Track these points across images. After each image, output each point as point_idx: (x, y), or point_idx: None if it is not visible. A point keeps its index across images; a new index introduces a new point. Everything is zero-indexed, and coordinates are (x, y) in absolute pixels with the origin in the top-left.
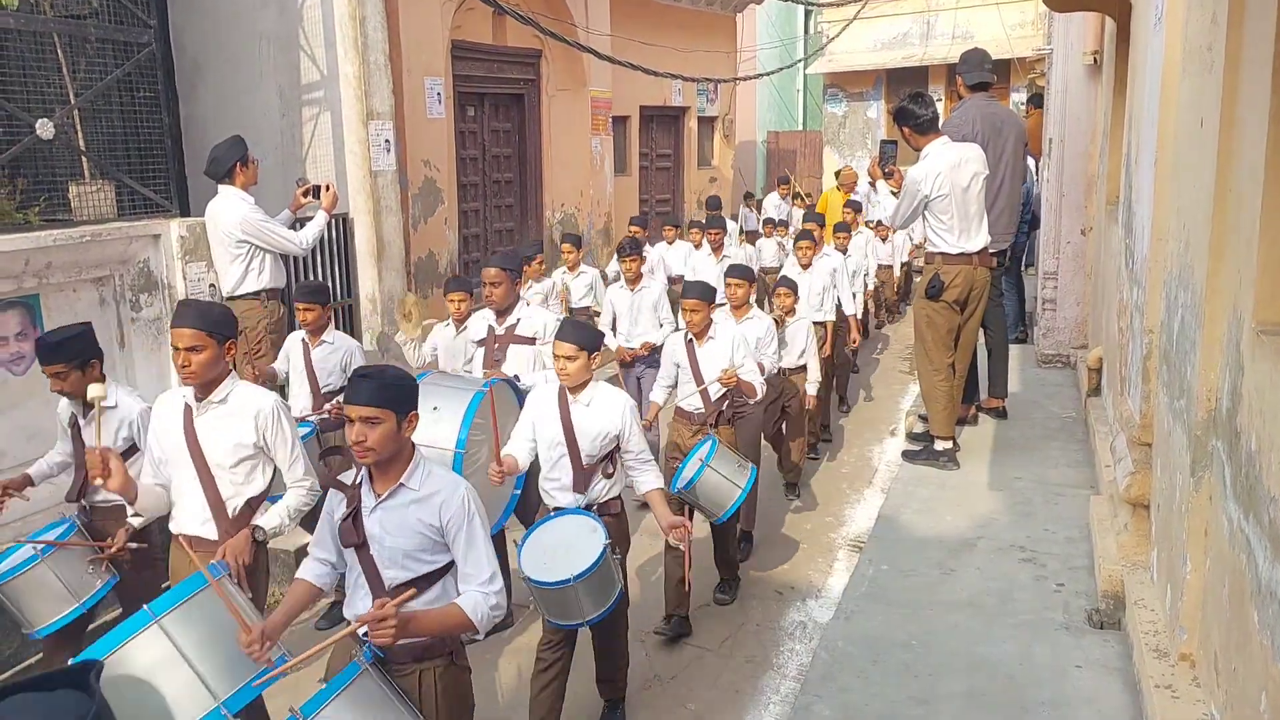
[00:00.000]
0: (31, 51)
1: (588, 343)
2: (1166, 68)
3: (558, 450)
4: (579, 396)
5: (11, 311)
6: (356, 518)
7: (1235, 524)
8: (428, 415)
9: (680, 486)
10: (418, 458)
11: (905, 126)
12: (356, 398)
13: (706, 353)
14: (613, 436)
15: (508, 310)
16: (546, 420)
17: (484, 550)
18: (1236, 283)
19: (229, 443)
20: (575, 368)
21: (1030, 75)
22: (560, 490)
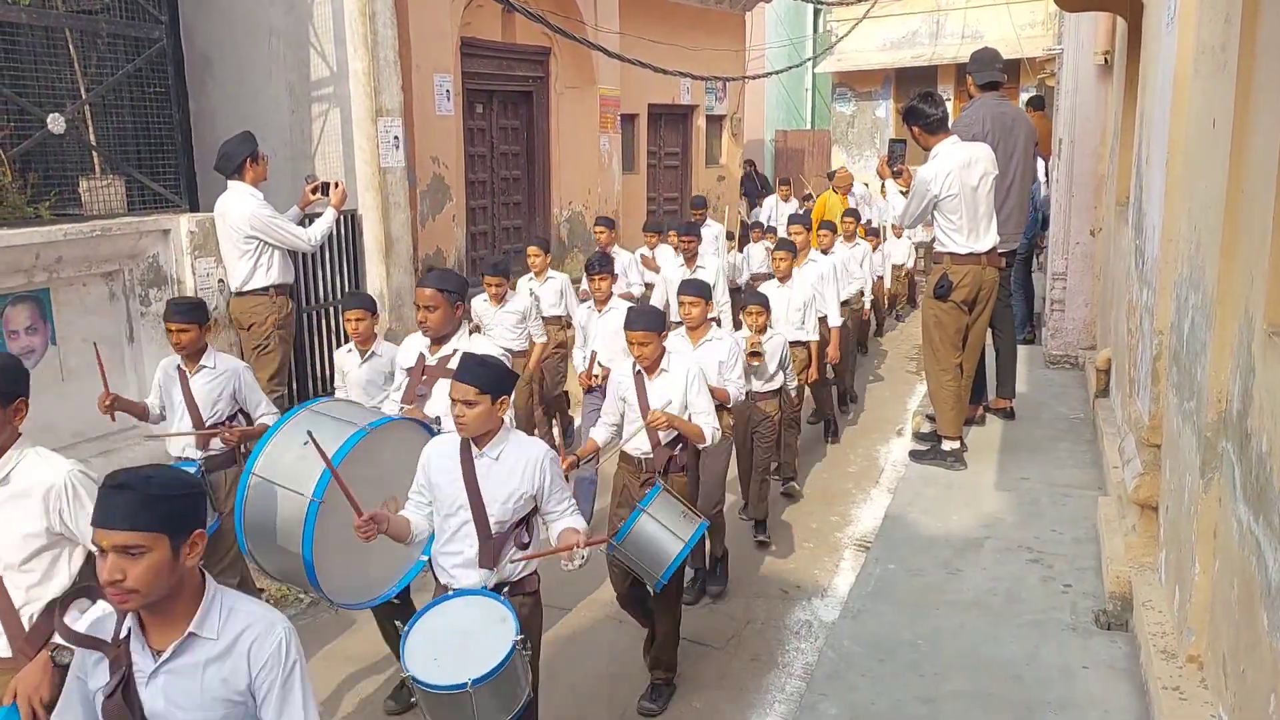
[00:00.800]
0: (43, 46)
1: (492, 384)
2: (1179, 68)
3: (459, 517)
4: (485, 449)
5: (22, 305)
6: (128, 689)
7: (1245, 526)
8: (295, 450)
9: (613, 541)
10: (213, 590)
11: (915, 126)
12: (108, 519)
13: (659, 387)
14: (528, 498)
15: (444, 338)
16: (444, 479)
17: (303, 714)
18: (1248, 284)
19: (16, 534)
20: (475, 416)
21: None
22: (462, 567)
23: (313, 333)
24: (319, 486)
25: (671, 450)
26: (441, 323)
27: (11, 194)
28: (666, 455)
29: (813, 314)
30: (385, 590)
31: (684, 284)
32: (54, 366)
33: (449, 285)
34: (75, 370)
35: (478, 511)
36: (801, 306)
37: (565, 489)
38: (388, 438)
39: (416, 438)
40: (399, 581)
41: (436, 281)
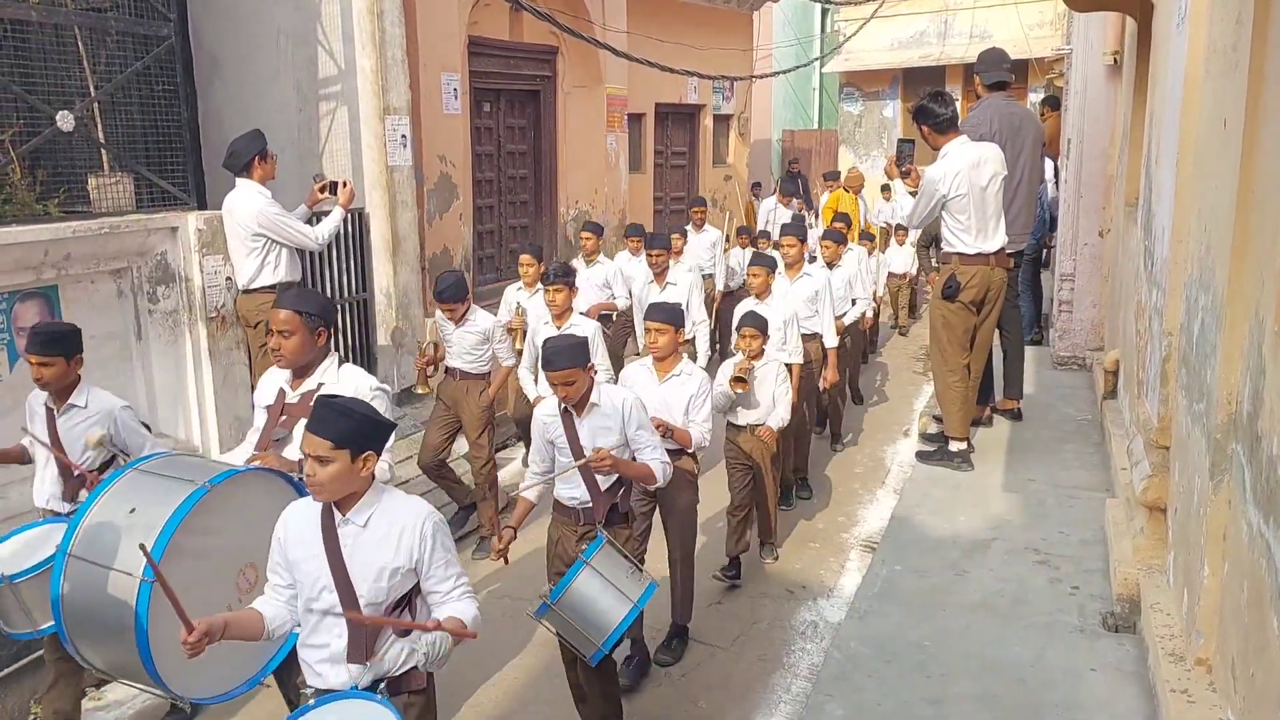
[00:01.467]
0: (53, 44)
1: (352, 436)
2: (1189, 68)
3: (323, 601)
4: (350, 514)
5: (30, 302)
6: None
7: (1255, 528)
8: (122, 518)
9: (545, 603)
10: None
11: (924, 125)
12: None
13: (592, 426)
14: (405, 572)
15: (306, 369)
16: (303, 553)
17: None
18: (1259, 285)
19: None
20: (329, 476)
21: (1049, 75)
22: (328, 663)
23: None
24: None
25: (614, 496)
26: (298, 351)
27: (20, 191)
28: (608, 502)
29: (796, 333)
30: (250, 676)
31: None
32: None
33: (308, 306)
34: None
35: (344, 592)
36: (782, 325)
37: (454, 564)
38: (238, 494)
39: (278, 491)
40: (266, 664)
41: (293, 302)
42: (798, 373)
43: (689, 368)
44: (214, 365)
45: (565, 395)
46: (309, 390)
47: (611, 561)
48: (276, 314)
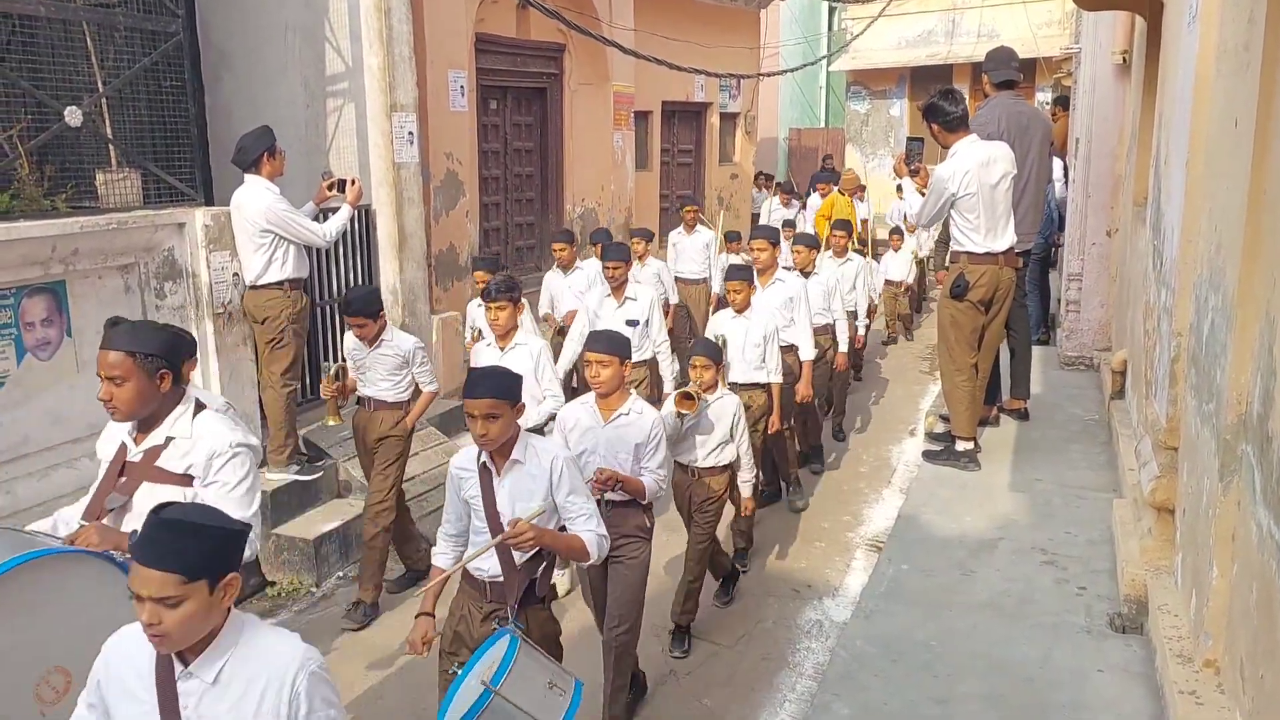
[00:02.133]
0: (61, 39)
1: (207, 563)
2: (1200, 67)
3: None
4: (195, 665)
5: (38, 297)
6: None
7: (1265, 530)
8: None
9: None
10: None
11: (934, 123)
12: None
13: (513, 485)
14: None
15: (151, 422)
16: (130, 711)
17: None
18: (1270, 286)
19: None
20: (180, 620)
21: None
22: None
23: (326, 327)
24: None
25: (532, 572)
26: (133, 402)
27: (29, 186)
28: (524, 580)
29: (775, 349)
30: None
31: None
32: (69, 358)
33: (144, 345)
34: (90, 362)
35: None
36: (761, 341)
37: None
38: (44, 581)
39: (97, 577)
40: None
41: (124, 341)
42: (778, 392)
43: (639, 405)
44: (221, 361)
45: (484, 435)
46: (155, 446)
47: (526, 678)
48: (104, 357)
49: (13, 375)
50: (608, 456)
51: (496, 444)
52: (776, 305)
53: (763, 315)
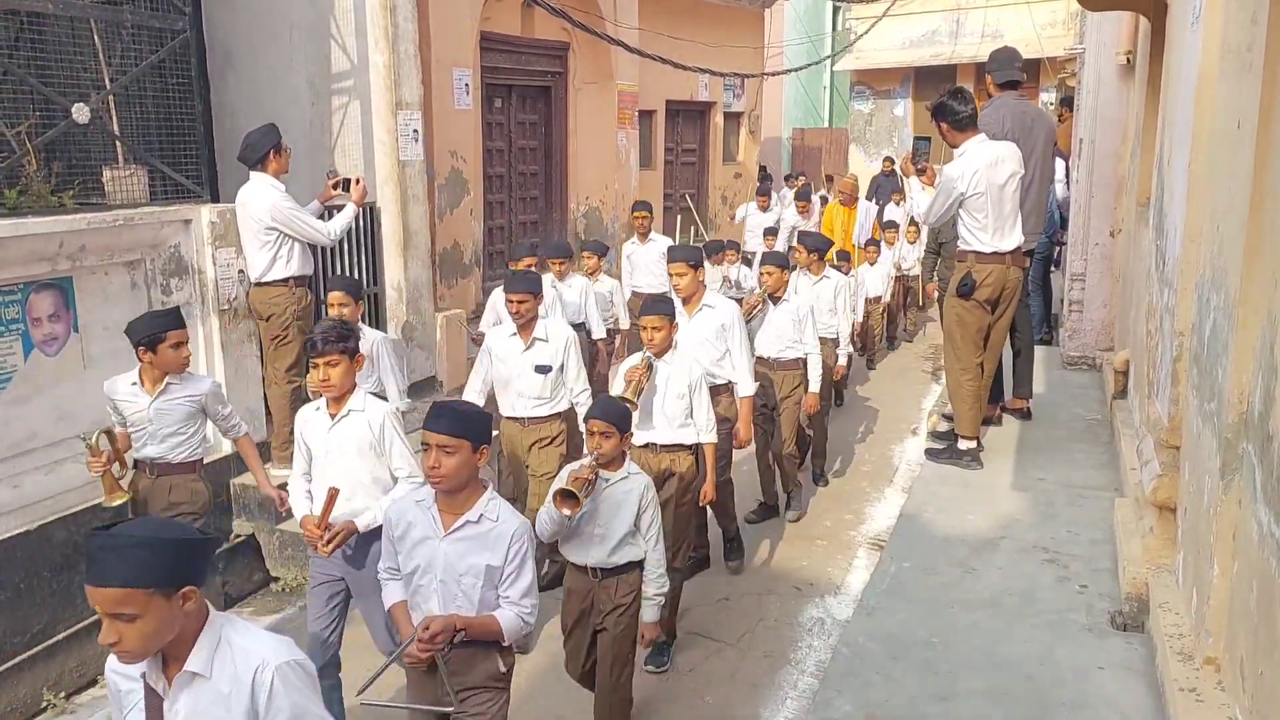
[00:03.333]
0: (68, 37)
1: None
2: (1203, 68)
3: None
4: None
5: (45, 293)
6: None
7: (1265, 528)
8: None
9: None
10: None
11: (943, 122)
12: None
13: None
14: None
15: None
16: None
17: None
18: (1272, 285)
19: None
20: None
21: (1061, 75)
22: None
23: None
24: None
25: None
26: None
27: (36, 183)
28: None
29: (704, 399)
30: None
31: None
32: (76, 354)
33: None
34: (97, 358)
35: None
36: (686, 391)
37: None
38: None
39: None
40: None
41: None
42: (711, 455)
43: (496, 508)
44: (226, 357)
45: (438, 474)
46: None
47: None
48: None
49: (20, 371)
50: (447, 580)
51: (448, 484)
52: (706, 337)
53: (684, 361)
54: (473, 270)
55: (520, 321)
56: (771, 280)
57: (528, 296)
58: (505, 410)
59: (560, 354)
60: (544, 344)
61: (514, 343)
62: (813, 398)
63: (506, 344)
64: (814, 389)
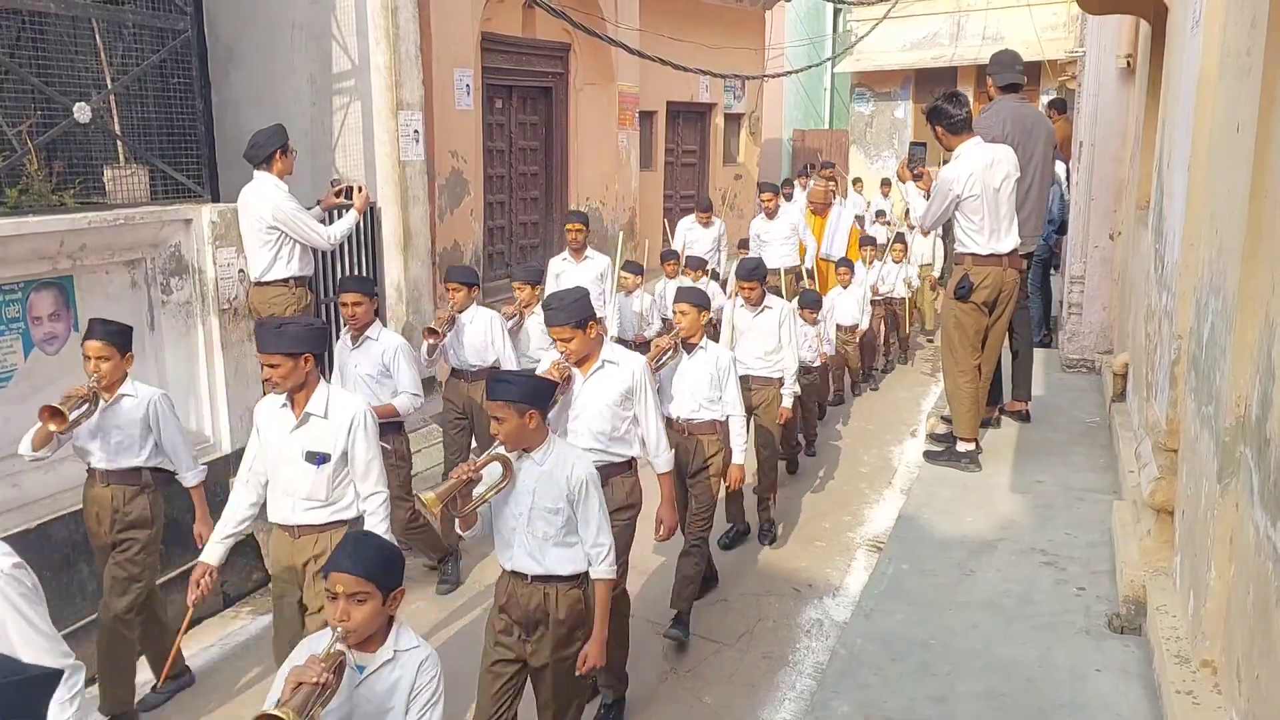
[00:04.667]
0: (70, 36)
1: None
2: (1203, 71)
3: None
4: None
5: (46, 292)
6: None
7: (1262, 531)
8: None
9: None
10: None
11: (938, 126)
12: None
13: None
14: None
15: None
16: None
17: None
18: (1270, 289)
19: None
20: None
21: (1061, 78)
22: None
23: (331, 325)
24: None
25: None
26: None
27: (37, 182)
28: None
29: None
30: None
31: None
32: (75, 353)
33: None
34: None
35: None
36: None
37: None
38: None
39: None
40: None
41: None
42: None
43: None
44: (226, 357)
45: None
46: None
47: None
48: None
49: (20, 369)
50: None
51: None
52: (607, 403)
53: (566, 458)
54: None
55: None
56: (686, 322)
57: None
58: (271, 512)
59: (342, 438)
60: (321, 421)
61: (283, 418)
62: (737, 469)
63: (274, 418)
64: (737, 459)
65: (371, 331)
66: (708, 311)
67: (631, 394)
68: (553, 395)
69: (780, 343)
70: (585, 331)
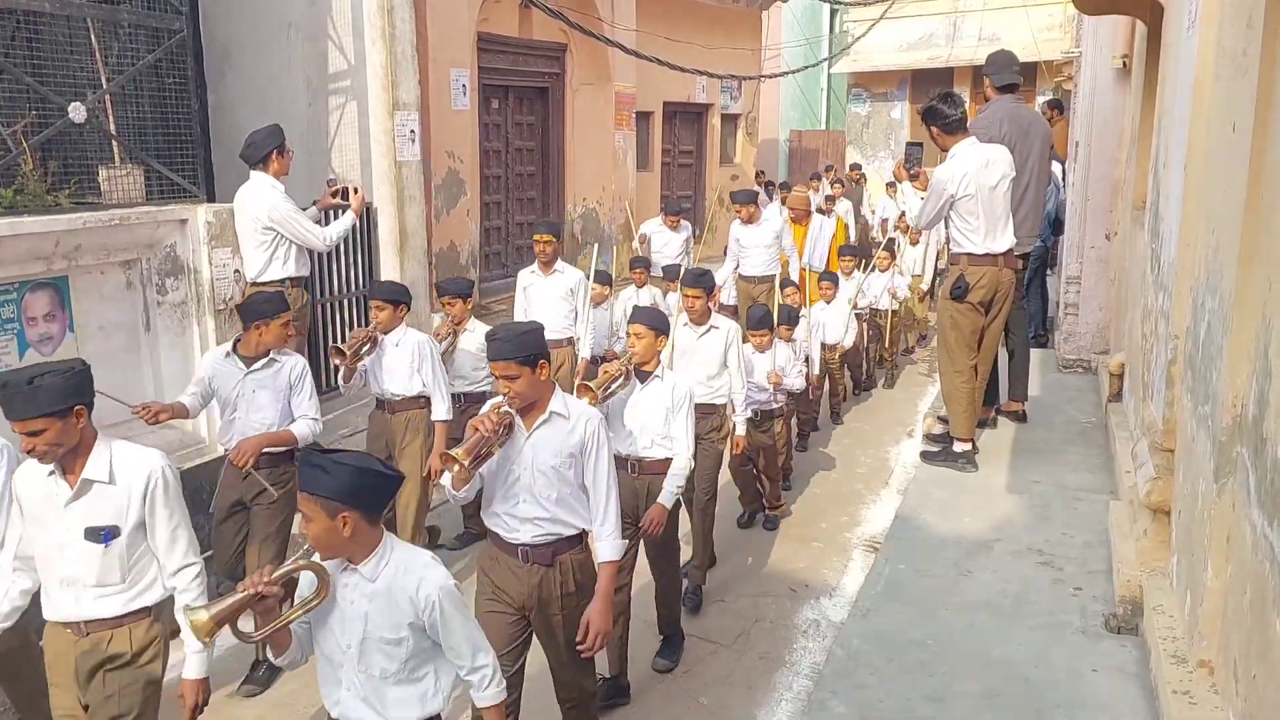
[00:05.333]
0: (65, 36)
1: None
2: (1199, 71)
3: None
4: None
5: (41, 293)
6: None
7: (1259, 531)
8: None
9: None
10: None
11: (933, 126)
12: None
13: None
14: None
15: None
16: None
17: None
18: (1266, 288)
19: None
20: None
21: (1057, 79)
22: None
23: (327, 325)
24: None
25: None
26: None
27: (32, 182)
28: None
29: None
30: None
31: None
32: (71, 354)
33: None
34: (92, 357)
35: None
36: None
37: None
38: None
39: None
40: None
41: None
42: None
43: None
44: None
45: None
46: None
47: None
48: None
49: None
50: None
51: None
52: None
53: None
54: (469, 271)
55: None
56: (641, 347)
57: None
58: (47, 610)
59: (136, 506)
60: (105, 488)
61: (53, 489)
62: (658, 510)
63: (39, 490)
64: (664, 500)
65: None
66: (665, 336)
67: (583, 453)
68: (388, 488)
69: (726, 367)
70: (534, 371)
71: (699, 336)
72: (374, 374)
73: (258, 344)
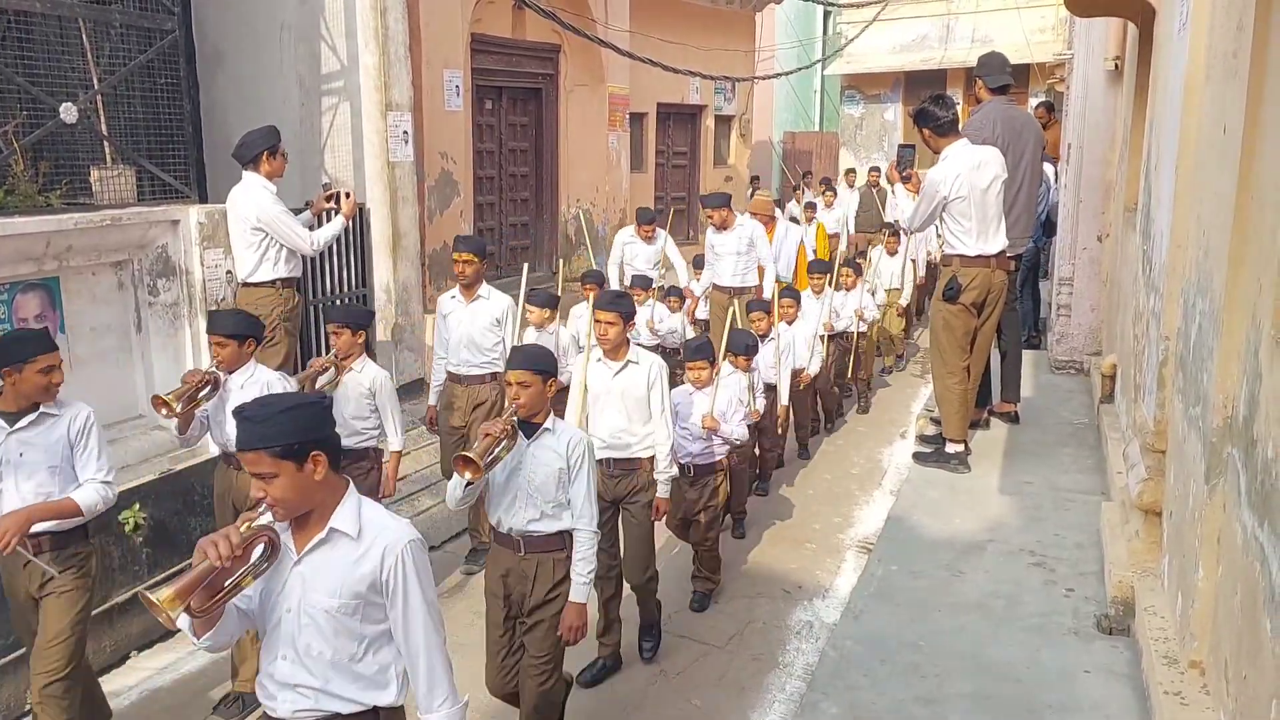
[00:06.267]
0: (56, 36)
1: None
2: (1190, 74)
3: None
4: None
5: (32, 293)
6: None
7: (1249, 532)
8: None
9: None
10: None
11: (925, 128)
12: None
13: None
14: None
15: None
16: None
17: None
18: (1256, 290)
19: None
20: None
21: (1049, 81)
22: None
23: (319, 325)
24: None
25: None
26: None
27: (23, 182)
28: None
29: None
30: None
31: None
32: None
33: None
34: (83, 358)
35: None
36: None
37: None
38: None
39: None
40: None
41: None
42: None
43: None
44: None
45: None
46: None
47: None
48: None
49: None
50: None
51: None
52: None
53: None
54: None
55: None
56: (526, 397)
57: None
58: None
59: None
60: None
61: None
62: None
63: None
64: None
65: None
66: (555, 380)
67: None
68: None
69: (648, 412)
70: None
71: (614, 374)
72: (216, 423)
73: (15, 396)
